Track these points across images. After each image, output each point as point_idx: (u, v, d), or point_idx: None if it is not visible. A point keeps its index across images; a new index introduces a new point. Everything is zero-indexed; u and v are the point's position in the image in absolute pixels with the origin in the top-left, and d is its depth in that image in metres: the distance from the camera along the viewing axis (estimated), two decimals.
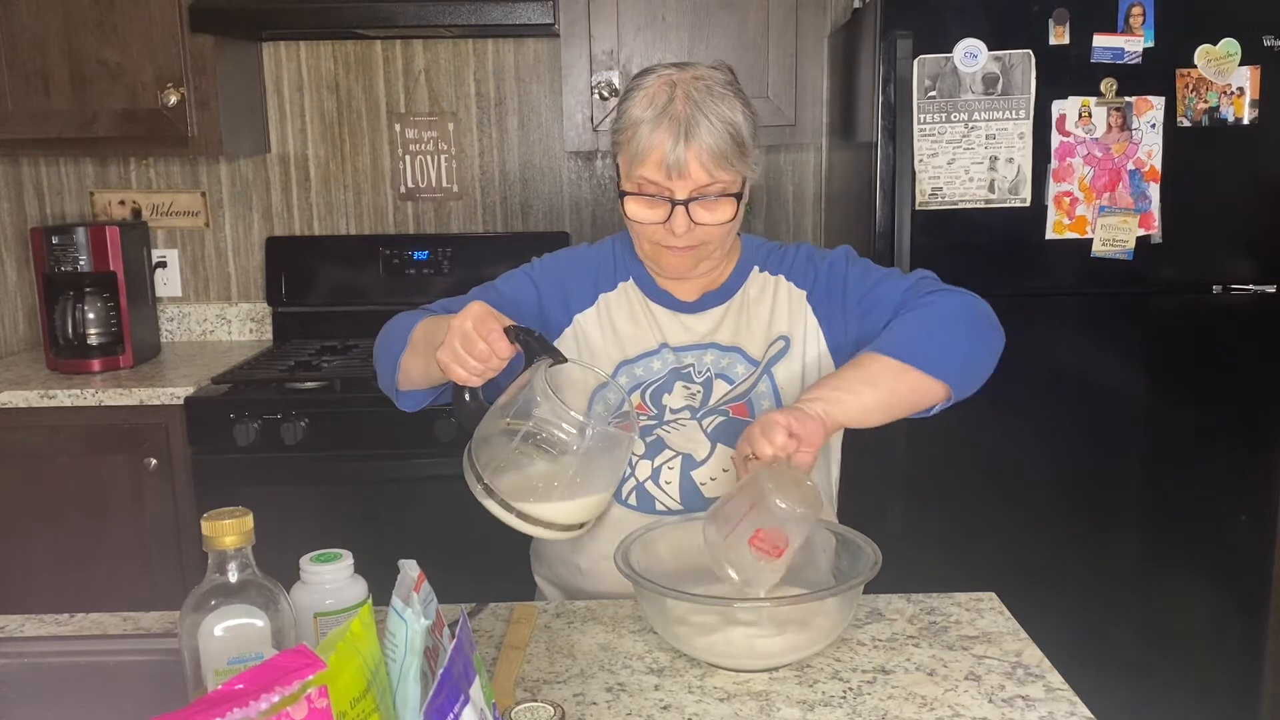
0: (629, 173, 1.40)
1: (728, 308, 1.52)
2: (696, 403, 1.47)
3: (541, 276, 1.55)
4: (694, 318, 1.51)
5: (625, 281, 1.54)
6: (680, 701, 1.10)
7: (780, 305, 1.52)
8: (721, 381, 1.48)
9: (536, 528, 1.30)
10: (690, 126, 1.34)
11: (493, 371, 1.28)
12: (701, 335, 1.50)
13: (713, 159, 1.36)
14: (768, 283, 1.54)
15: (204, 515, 0.94)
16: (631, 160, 1.39)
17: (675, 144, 1.34)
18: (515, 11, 2.46)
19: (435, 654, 0.83)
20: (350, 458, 2.41)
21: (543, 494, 1.29)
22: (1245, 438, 2.35)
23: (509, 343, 1.27)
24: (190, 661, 0.95)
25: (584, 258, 1.58)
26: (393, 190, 3.01)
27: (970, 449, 2.34)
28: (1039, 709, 1.08)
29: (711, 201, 1.39)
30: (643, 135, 1.37)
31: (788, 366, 1.49)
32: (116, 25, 2.55)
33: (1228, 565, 2.39)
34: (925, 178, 2.24)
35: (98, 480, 2.44)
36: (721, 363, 1.49)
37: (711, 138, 1.35)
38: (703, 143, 1.35)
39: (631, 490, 1.46)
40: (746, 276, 1.54)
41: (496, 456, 1.29)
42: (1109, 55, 2.21)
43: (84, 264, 2.63)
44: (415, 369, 1.42)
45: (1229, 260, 2.31)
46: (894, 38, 2.20)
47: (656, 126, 1.36)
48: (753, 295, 1.53)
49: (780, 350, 1.50)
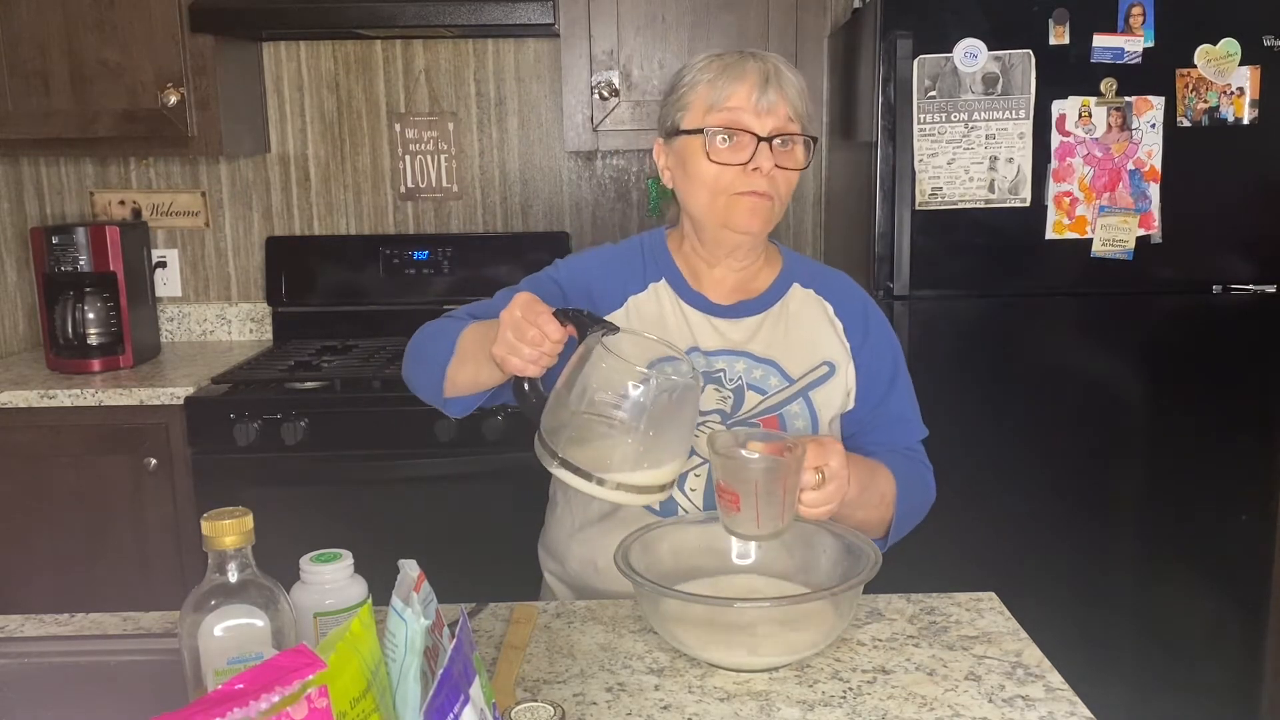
0: (704, 118, 1.39)
1: (765, 318, 1.50)
2: (728, 408, 1.45)
3: (566, 278, 1.53)
4: (728, 323, 1.49)
5: (657, 282, 1.51)
6: (680, 701, 1.10)
7: (825, 330, 1.51)
8: (753, 392, 1.46)
9: (619, 492, 1.26)
10: (776, 72, 1.40)
11: (548, 358, 1.26)
12: (735, 342, 1.48)
13: (797, 98, 1.40)
14: (810, 300, 1.52)
15: (204, 515, 0.94)
16: (709, 106, 1.39)
17: (765, 83, 1.38)
18: (515, 11, 2.46)
19: (435, 654, 0.83)
20: (350, 458, 2.41)
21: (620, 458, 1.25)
22: (1245, 438, 2.35)
23: (559, 325, 1.25)
24: (190, 661, 0.95)
25: (610, 258, 1.55)
26: (393, 190, 3.02)
27: (970, 449, 2.33)
28: (1039, 709, 1.08)
29: (786, 150, 1.40)
30: (724, 82, 1.39)
31: (826, 393, 1.48)
32: (116, 25, 2.56)
33: (1228, 565, 2.39)
34: (925, 178, 2.24)
35: (98, 480, 2.44)
36: (754, 373, 1.47)
37: (791, 86, 1.40)
38: (788, 86, 1.39)
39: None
40: (787, 289, 1.52)
41: (566, 429, 1.26)
42: (1109, 55, 2.21)
43: (84, 264, 2.63)
44: (464, 376, 1.40)
45: (1229, 260, 2.31)
46: (894, 38, 2.20)
47: (739, 74, 1.39)
48: (794, 310, 1.51)
49: (823, 376, 1.48)
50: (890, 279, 2.29)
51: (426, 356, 1.47)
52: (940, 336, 2.32)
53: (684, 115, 1.42)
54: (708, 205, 1.43)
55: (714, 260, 1.50)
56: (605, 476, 1.25)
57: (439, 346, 1.44)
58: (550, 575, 1.61)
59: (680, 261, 1.52)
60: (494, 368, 1.33)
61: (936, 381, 2.33)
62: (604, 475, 1.25)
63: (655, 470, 1.27)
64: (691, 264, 1.52)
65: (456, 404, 1.47)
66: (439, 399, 1.47)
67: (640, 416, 1.24)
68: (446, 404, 1.47)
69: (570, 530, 1.54)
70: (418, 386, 1.50)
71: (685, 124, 1.42)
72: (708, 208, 1.43)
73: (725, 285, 1.51)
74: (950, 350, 2.33)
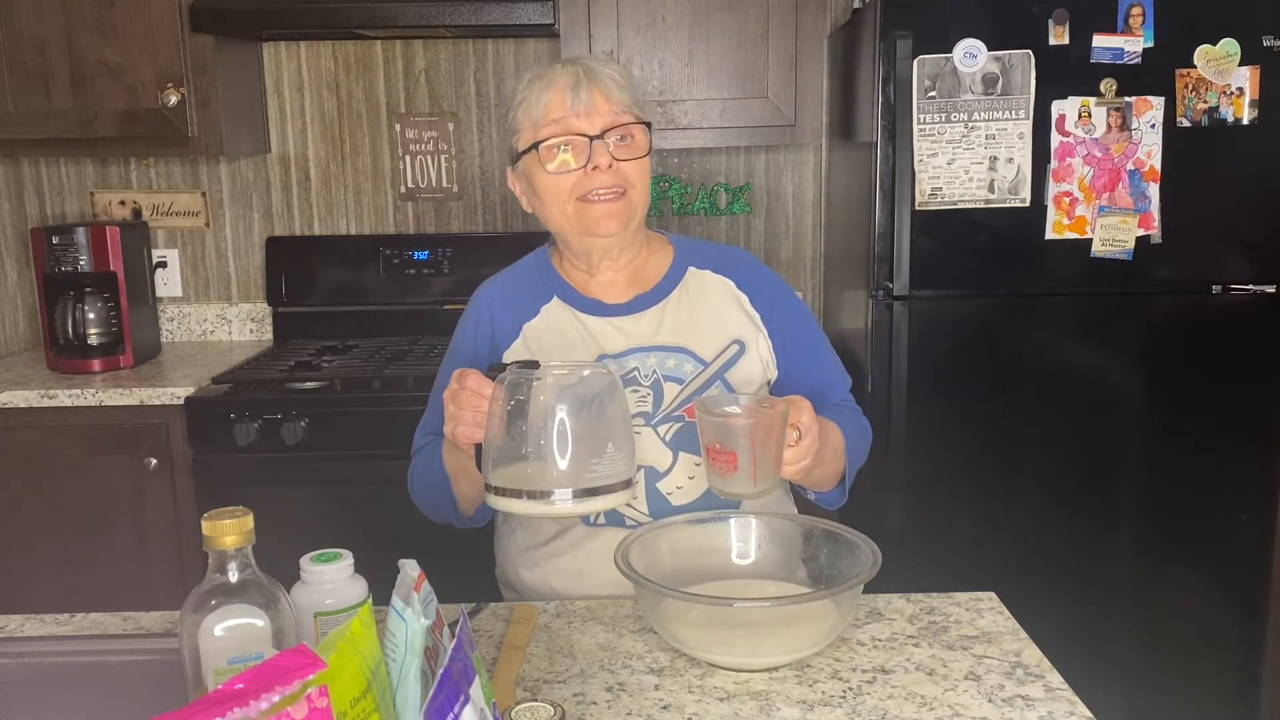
0: (535, 134, 1.42)
1: (665, 306, 1.50)
2: (649, 407, 1.46)
3: (469, 331, 1.56)
4: (629, 320, 1.49)
5: (548, 303, 1.52)
6: (680, 701, 1.10)
7: (730, 308, 1.51)
8: (671, 383, 1.46)
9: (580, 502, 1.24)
10: (586, 71, 1.41)
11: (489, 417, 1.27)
12: (641, 338, 1.48)
13: (618, 91, 1.41)
14: (709, 281, 1.53)
15: (204, 515, 0.94)
16: (535, 121, 1.42)
17: (576, 85, 1.40)
18: (515, 11, 2.46)
19: (435, 654, 0.83)
20: (350, 458, 2.41)
21: (563, 468, 1.24)
22: (1245, 438, 2.35)
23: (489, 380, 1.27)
24: (190, 661, 0.95)
25: (500, 290, 1.56)
26: (393, 190, 3.02)
27: (970, 449, 2.34)
28: (1039, 709, 1.08)
29: (624, 143, 1.41)
30: (537, 93, 1.42)
31: (742, 371, 1.49)
32: (117, 25, 2.56)
33: (1228, 565, 2.39)
34: (925, 178, 2.24)
35: (98, 480, 2.44)
36: (667, 363, 1.47)
37: (609, 80, 1.42)
38: (601, 80, 1.41)
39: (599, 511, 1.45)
40: (683, 274, 1.53)
41: (501, 465, 1.26)
42: (1109, 55, 2.22)
43: (84, 264, 2.63)
44: (463, 487, 1.44)
45: (1229, 260, 2.31)
46: (894, 38, 2.20)
47: (551, 81, 1.42)
48: (693, 293, 1.51)
49: (735, 354, 1.49)
50: (890, 279, 2.29)
51: (432, 494, 1.51)
52: (940, 336, 2.32)
53: (517, 138, 1.45)
54: (561, 217, 1.44)
55: (592, 267, 1.51)
56: (554, 490, 1.22)
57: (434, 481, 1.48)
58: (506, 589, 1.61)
59: (566, 275, 1.54)
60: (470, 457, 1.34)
61: (936, 381, 2.34)
62: (551, 488, 1.23)
63: (605, 472, 1.25)
64: (576, 276, 1.53)
65: (481, 514, 1.51)
66: (466, 520, 1.51)
67: (566, 422, 1.23)
68: (475, 519, 1.52)
69: (516, 557, 1.54)
70: (443, 520, 1.54)
71: (520, 145, 1.44)
72: (562, 219, 1.44)
73: (617, 285, 1.51)
74: (950, 350, 2.33)
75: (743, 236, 3.02)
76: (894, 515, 2.35)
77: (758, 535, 1.36)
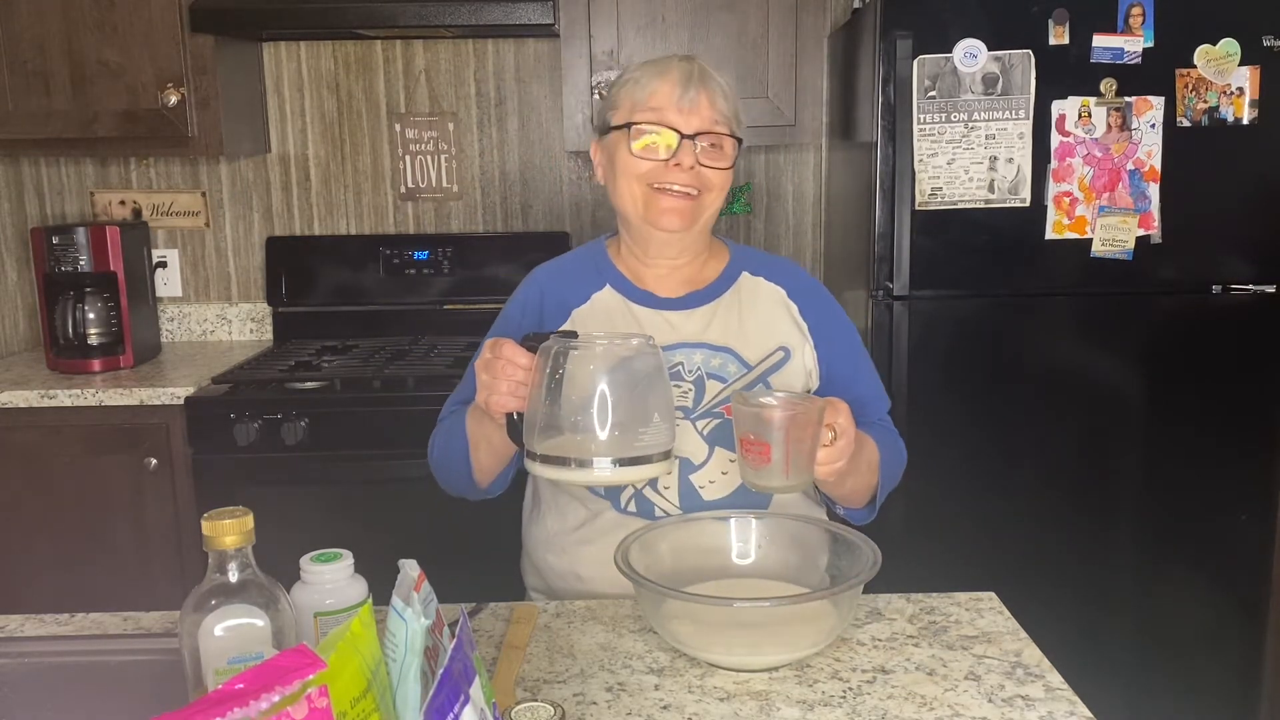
0: (631, 115, 1.44)
1: (716, 306, 1.52)
2: (689, 403, 1.47)
3: (517, 307, 1.57)
4: (680, 315, 1.50)
5: (600, 290, 1.53)
6: (680, 701, 1.10)
7: (780, 315, 1.52)
8: (714, 381, 1.47)
9: (620, 470, 1.25)
10: (700, 75, 1.43)
11: (524, 387, 1.28)
12: (689, 334, 1.50)
13: (723, 101, 1.43)
14: (761, 287, 1.54)
15: (204, 515, 0.94)
16: (635, 104, 1.43)
17: (687, 82, 1.41)
18: (515, 11, 2.46)
19: (435, 654, 0.83)
20: (350, 458, 2.41)
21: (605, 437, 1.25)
22: (1245, 438, 2.35)
23: (525, 350, 1.28)
24: (190, 661, 0.95)
25: (553, 275, 1.58)
26: (393, 190, 3.02)
27: (970, 449, 2.34)
28: (1039, 709, 1.08)
29: (713, 150, 1.43)
30: (648, 80, 1.43)
31: (785, 378, 1.50)
32: (117, 25, 2.56)
33: (1228, 565, 2.39)
34: (925, 178, 2.24)
35: (98, 480, 2.44)
36: (713, 362, 1.48)
37: (718, 88, 1.43)
38: (712, 87, 1.43)
39: (630, 497, 1.46)
40: (736, 278, 1.54)
41: (544, 431, 1.26)
42: (1109, 55, 2.22)
43: (84, 264, 2.63)
44: (482, 456, 1.45)
45: (1229, 260, 2.31)
46: (894, 38, 2.20)
47: (663, 73, 1.43)
48: (745, 297, 1.53)
49: (780, 360, 1.50)
50: (890, 279, 2.29)
51: (450, 463, 1.50)
52: (940, 336, 2.32)
53: (614, 114, 1.46)
54: (630, 198, 1.46)
55: (648, 258, 1.52)
56: (594, 459, 1.25)
57: (453, 448, 1.48)
58: (534, 592, 1.61)
59: (621, 265, 1.55)
60: (499, 429, 1.35)
61: (936, 381, 2.34)
62: (592, 458, 1.25)
63: (647, 442, 1.26)
64: (632, 266, 1.54)
65: (495, 485, 1.51)
66: (479, 491, 1.51)
67: (611, 391, 1.24)
68: (488, 491, 1.52)
69: (545, 543, 1.54)
70: (458, 490, 1.54)
71: (615, 120, 1.46)
72: (630, 201, 1.46)
73: (671, 280, 1.53)
74: (950, 350, 2.33)
75: (743, 236, 3.02)
76: (894, 515, 2.34)
77: (758, 535, 1.36)
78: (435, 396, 2.38)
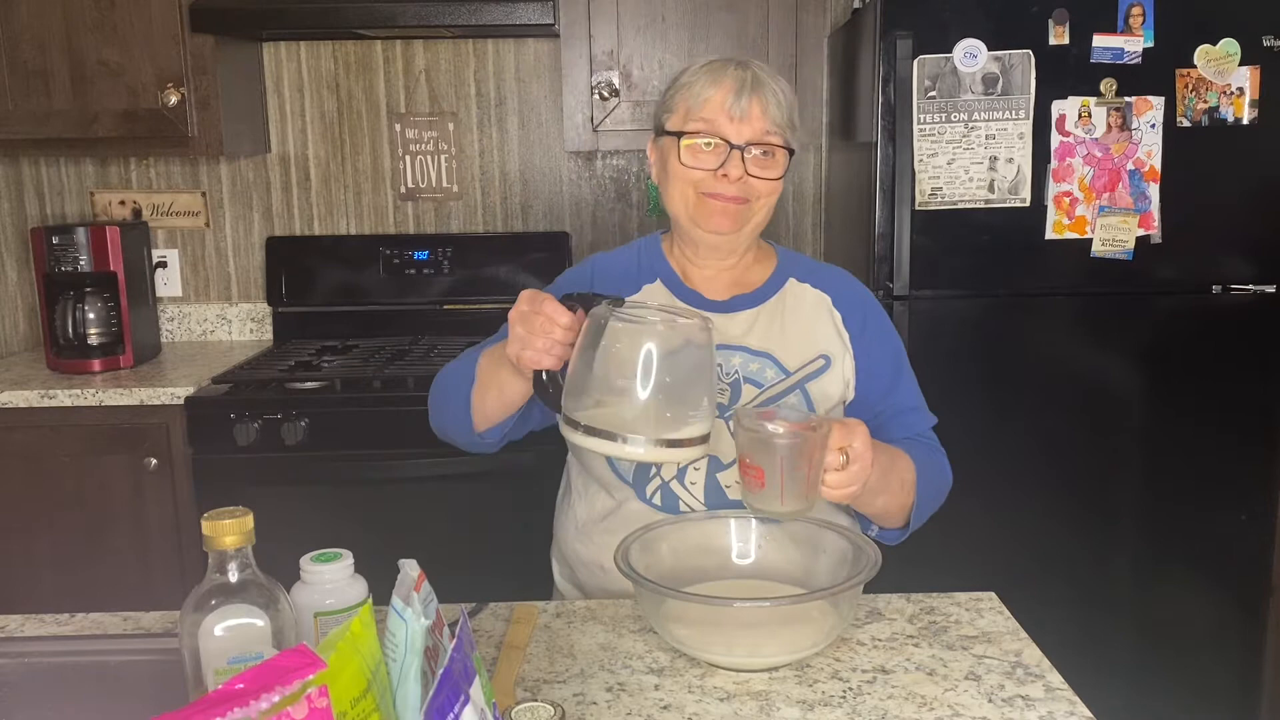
0: (684, 123, 1.43)
1: (760, 311, 1.51)
2: (725, 400, 1.47)
3: (569, 278, 1.57)
4: (724, 318, 1.50)
5: (651, 284, 1.53)
6: (680, 701, 1.10)
7: (823, 323, 1.52)
8: (750, 385, 1.47)
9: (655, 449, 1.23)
10: (755, 82, 1.41)
11: (560, 346, 1.26)
12: (730, 337, 1.49)
13: (776, 109, 1.41)
14: (807, 293, 1.54)
15: (204, 515, 0.94)
16: (689, 110, 1.42)
17: (740, 91, 1.40)
18: (515, 11, 2.46)
19: (435, 654, 0.83)
20: (350, 458, 2.41)
21: (644, 412, 1.22)
22: (1245, 438, 2.35)
23: (566, 309, 1.25)
24: (190, 661, 0.94)
25: (605, 265, 1.58)
26: (393, 190, 3.02)
27: (970, 449, 2.32)
28: (1039, 709, 1.08)
29: (766, 157, 1.42)
30: (702, 86, 1.41)
31: (823, 385, 1.49)
32: (117, 25, 2.56)
33: (1228, 565, 2.39)
34: (925, 178, 2.24)
35: (98, 480, 2.44)
36: (750, 366, 1.48)
37: (773, 96, 1.42)
38: (766, 95, 1.41)
39: (656, 489, 1.46)
40: (783, 283, 1.54)
41: (586, 398, 1.24)
42: (1109, 55, 2.22)
43: (84, 264, 2.63)
44: (489, 400, 1.41)
45: (1229, 260, 2.31)
46: (894, 38, 2.20)
47: (719, 78, 1.41)
48: (790, 304, 1.52)
49: (820, 369, 1.49)
50: (890, 279, 2.29)
51: (449, 393, 1.47)
52: (940, 336, 2.32)
53: (668, 117, 1.46)
54: (680, 201, 1.46)
55: (698, 259, 1.52)
56: (632, 434, 1.22)
57: (459, 379, 1.45)
58: (561, 579, 1.61)
59: (673, 263, 1.55)
60: (516, 378, 1.33)
61: (936, 381, 2.31)
62: (631, 433, 1.22)
63: (688, 425, 1.24)
64: (682, 264, 1.55)
65: (491, 433, 1.47)
66: (472, 435, 1.47)
67: (656, 367, 1.21)
68: (481, 438, 1.47)
69: (574, 531, 1.54)
70: (447, 427, 1.50)
71: (668, 125, 1.45)
72: (681, 204, 1.46)
73: (718, 282, 1.53)
74: (950, 350, 2.33)
75: None
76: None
77: (758, 535, 1.36)
78: None
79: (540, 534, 1.71)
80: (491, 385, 1.40)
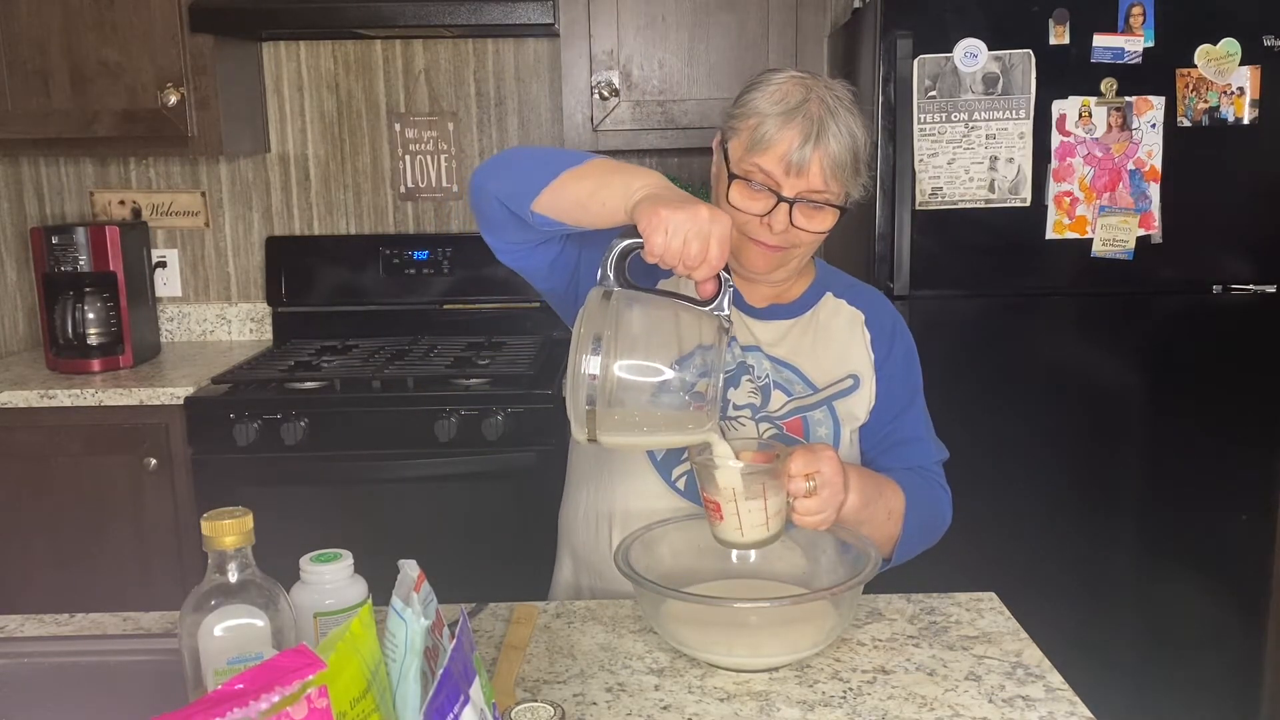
0: (741, 160, 1.37)
1: (794, 324, 1.50)
2: (758, 401, 1.46)
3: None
4: (759, 324, 1.49)
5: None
6: (680, 701, 1.10)
7: (855, 342, 1.51)
8: (779, 392, 1.46)
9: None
10: (822, 130, 1.34)
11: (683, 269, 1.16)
12: (762, 343, 1.49)
13: (833, 167, 1.35)
14: (842, 309, 1.52)
15: (204, 515, 0.94)
16: (749, 148, 1.36)
17: (804, 143, 1.33)
18: (515, 11, 2.46)
19: (435, 654, 0.83)
20: (350, 458, 2.41)
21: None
22: (1245, 438, 2.35)
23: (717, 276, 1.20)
24: (190, 661, 0.94)
25: None
26: (393, 190, 3.01)
27: (970, 449, 2.32)
28: (1039, 709, 1.08)
29: (814, 209, 1.38)
30: (770, 127, 1.34)
31: (849, 405, 1.48)
32: (116, 25, 2.56)
33: (1228, 565, 2.39)
34: (925, 178, 2.24)
35: (98, 480, 2.44)
36: (779, 375, 1.47)
37: (838, 145, 1.35)
38: (829, 149, 1.34)
39: (682, 475, 1.45)
40: (819, 299, 1.53)
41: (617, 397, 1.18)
42: (1109, 55, 2.21)
43: (84, 264, 2.63)
44: (579, 191, 1.25)
45: (1229, 260, 2.31)
46: (894, 38, 2.20)
47: (788, 122, 1.34)
48: (824, 319, 1.51)
49: (848, 388, 1.48)
50: (890, 279, 2.29)
51: (541, 160, 1.31)
52: (940, 336, 2.32)
53: (734, 138, 1.40)
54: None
55: (739, 269, 1.49)
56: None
57: (562, 156, 1.31)
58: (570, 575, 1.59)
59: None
60: (618, 206, 1.21)
61: (936, 382, 2.32)
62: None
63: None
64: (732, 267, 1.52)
65: (540, 220, 1.30)
66: (523, 207, 1.30)
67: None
68: (531, 216, 1.30)
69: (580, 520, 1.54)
70: (504, 187, 1.32)
71: (731, 149, 1.40)
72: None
73: (759, 292, 1.52)
74: (950, 350, 2.33)
75: None
76: None
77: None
78: (435, 396, 2.40)
79: (540, 534, 1.71)
80: (600, 189, 1.24)
